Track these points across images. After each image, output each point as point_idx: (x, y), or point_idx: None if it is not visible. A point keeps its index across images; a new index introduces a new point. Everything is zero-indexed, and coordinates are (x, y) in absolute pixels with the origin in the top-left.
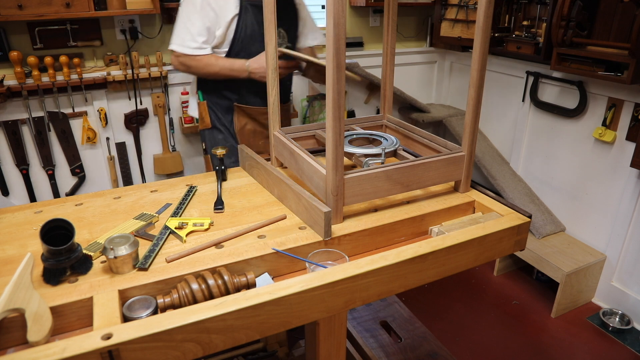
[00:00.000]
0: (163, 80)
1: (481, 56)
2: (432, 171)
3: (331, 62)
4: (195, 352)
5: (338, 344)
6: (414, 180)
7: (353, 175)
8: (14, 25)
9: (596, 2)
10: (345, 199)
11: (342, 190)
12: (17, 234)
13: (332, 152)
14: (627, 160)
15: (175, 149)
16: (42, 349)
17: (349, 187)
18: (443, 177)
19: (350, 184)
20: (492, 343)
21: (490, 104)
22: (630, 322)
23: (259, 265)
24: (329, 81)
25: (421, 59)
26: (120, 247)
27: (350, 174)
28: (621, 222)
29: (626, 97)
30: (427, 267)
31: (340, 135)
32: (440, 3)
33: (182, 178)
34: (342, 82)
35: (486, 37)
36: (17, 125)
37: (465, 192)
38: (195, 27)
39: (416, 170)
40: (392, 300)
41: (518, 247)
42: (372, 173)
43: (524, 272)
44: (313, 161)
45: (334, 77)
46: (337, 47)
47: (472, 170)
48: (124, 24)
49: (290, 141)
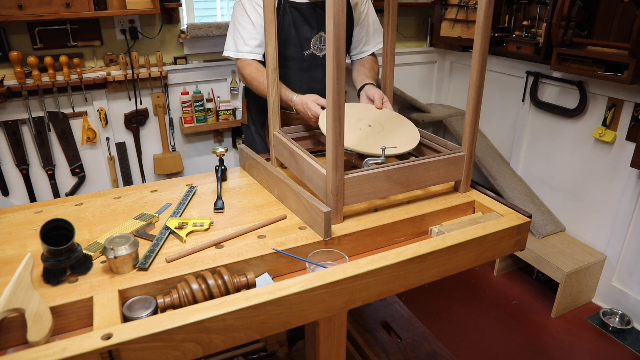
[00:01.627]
0: (163, 80)
1: (481, 56)
2: (432, 171)
3: (331, 62)
4: (195, 352)
5: (338, 344)
6: (414, 180)
7: (353, 176)
8: (14, 25)
9: (596, 2)
10: (345, 199)
11: (342, 190)
12: (17, 234)
13: (332, 152)
14: (627, 160)
15: (175, 149)
16: (42, 349)
17: (349, 187)
18: (443, 177)
19: (350, 184)
20: (492, 343)
21: (490, 104)
22: (630, 322)
23: (259, 265)
24: (329, 81)
25: (421, 59)
26: (120, 247)
27: (350, 174)
28: (621, 222)
29: (626, 97)
30: (427, 267)
31: (340, 135)
32: (440, 3)
33: (182, 178)
34: (342, 82)
35: (486, 37)
36: (17, 125)
37: (465, 192)
38: (246, 30)
39: (416, 171)
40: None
41: (518, 247)
42: (372, 173)
43: (524, 272)
44: (313, 161)
45: (333, 77)
46: (337, 47)
47: (472, 170)
48: (124, 24)
49: (290, 141)
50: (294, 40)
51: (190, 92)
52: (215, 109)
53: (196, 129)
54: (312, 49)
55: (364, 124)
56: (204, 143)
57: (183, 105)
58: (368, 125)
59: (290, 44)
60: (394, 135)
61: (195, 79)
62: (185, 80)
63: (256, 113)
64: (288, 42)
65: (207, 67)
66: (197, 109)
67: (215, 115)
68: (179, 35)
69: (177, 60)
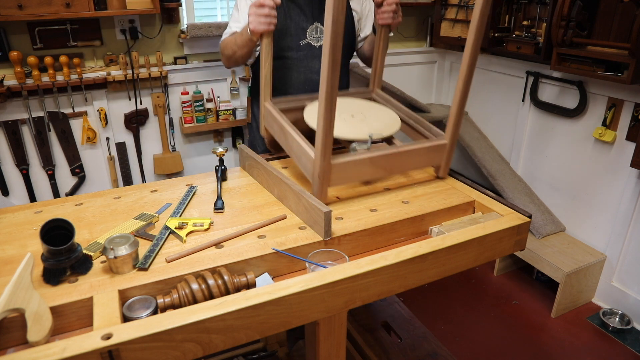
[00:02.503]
0: (163, 80)
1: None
2: (414, 157)
3: (327, 57)
4: (195, 352)
5: (338, 344)
6: (396, 165)
7: (340, 161)
8: (14, 25)
9: (596, 2)
10: (330, 182)
11: (329, 174)
12: (17, 234)
13: (322, 139)
14: (627, 160)
15: (175, 149)
16: (42, 349)
17: (335, 172)
18: (424, 163)
19: (336, 168)
20: (492, 343)
21: (490, 104)
22: (630, 322)
23: (259, 265)
24: (324, 75)
25: (421, 59)
26: (120, 247)
27: (337, 160)
28: (621, 222)
29: (626, 97)
30: (427, 267)
31: (330, 124)
32: (440, 3)
33: (182, 178)
34: (336, 76)
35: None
36: (17, 125)
37: (444, 176)
38: (242, 13)
39: (400, 157)
40: (392, 300)
41: (518, 247)
42: (358, 159)
43: (524, 272)
44: (303, 142)
45: (329, 72)
46: (334, 43)
47: (452, 156)
48: (124, 24)
49: (281, 116)
50: (290, 31)
51: (190, 92)
52: (215, 109)
53: (196, 129)
54: (309, 38)
55: (347, 115)
56: (204, 143)
57: (183, 105)
58: (351, 115)
59: (286, 34)
60: (377, 121)
61: (195, 79)
62: (185, 80)
63: (258, 109)
64: (284, 32)
65: (207, 67)
66: (197, 109)
67: (215, 115)
68: (179, 35)
69: (177, 60)
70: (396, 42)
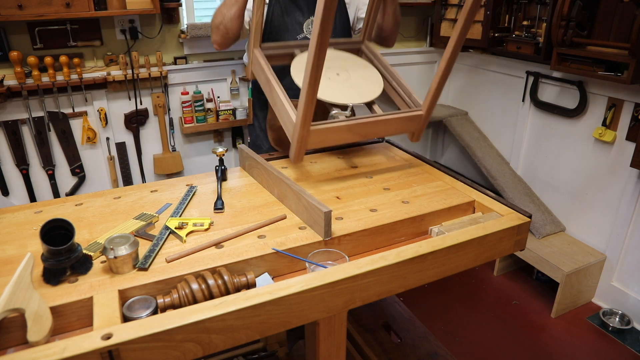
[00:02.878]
0: (163, 80)
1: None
2: (391, 125)
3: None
4: (195, 352)
5: (338, 344)
6: (372, 132)
7: (318, 128)
8: (14, 25)
9: (596, 2)
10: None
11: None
12: (17, 234)
13: (303, 110)
14: (627, 160)
15: (175, 149)
16: (42, 349)
17: (313, 136)
18: (399, 130)
19: (314, 134)
20: (492, 343)
21: (491, 104)
22: (630, 322)
23: (259, 265)
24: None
25: (421, 59)
26: (120, 247)
27: (316, 126)
28: (621, 222)
29: (626, 97)
30: (427, 267)
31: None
32: (440, 3)
33: (182, 178)
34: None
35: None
36: (17, 125)
37: (416, 141)
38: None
39: (376, 125)
40: (392, 300)
41: (518, 247)
42: (336, 126)
43: (524, 272)
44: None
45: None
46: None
47: (426, 125)
48: (124, 24)
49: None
50: (287, 26)
51: (190, 92)
52: (215, 109)
53: (196, 129)
54: (305, 32)
55: (333, 73)
56: (204, 143)
57: (183, 105)
58: (336, 73)
59: (283, 30)
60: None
61: (195, 79)
62: (185, 80)
63: (259, 109)
64: (281, 28)
65: (207, 67)
66: (197, 109)
67: (215, 115)
68: (179, 35)
69: (177, 60)
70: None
